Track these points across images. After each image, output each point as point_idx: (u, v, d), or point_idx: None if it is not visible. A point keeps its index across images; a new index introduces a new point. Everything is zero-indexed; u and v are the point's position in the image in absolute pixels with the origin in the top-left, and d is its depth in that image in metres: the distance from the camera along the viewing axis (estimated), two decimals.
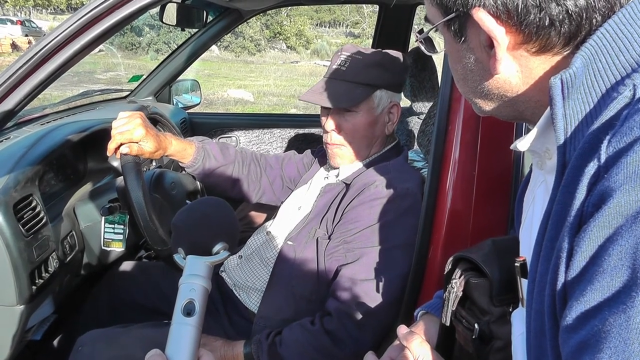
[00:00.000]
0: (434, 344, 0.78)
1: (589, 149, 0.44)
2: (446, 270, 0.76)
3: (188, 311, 0.61)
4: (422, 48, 0.63)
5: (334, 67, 1.23)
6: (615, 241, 0.39)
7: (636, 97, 0.43)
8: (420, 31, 0.61)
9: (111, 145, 1.13)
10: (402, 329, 0.76)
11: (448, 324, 0.73)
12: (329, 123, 1.23)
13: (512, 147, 0.58)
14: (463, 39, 0.53)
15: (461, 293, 0.72)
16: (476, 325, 0.69)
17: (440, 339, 0.77)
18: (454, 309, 0.72)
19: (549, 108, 0.49)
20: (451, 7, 0.52)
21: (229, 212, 0.75)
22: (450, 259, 0.76)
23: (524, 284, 0.57)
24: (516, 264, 0.59)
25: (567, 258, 0.44)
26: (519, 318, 0.63)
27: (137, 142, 1.14)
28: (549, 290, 0.46)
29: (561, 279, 0.44)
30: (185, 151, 1.31)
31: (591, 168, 0.43)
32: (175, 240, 0.71)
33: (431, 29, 0.57)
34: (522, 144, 0.55)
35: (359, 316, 1.06)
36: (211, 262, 0.66)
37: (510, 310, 0.68)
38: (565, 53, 0.50)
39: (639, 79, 0.44)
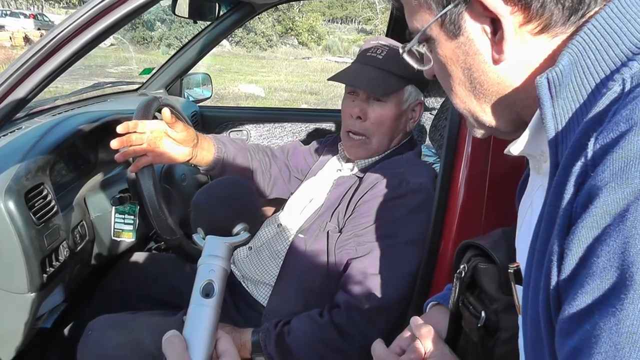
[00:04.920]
0: (444, 335, 0.76)
1: (578, 148, 0.42)
2: (455, 257, 0.75)
3: (207, 292, 0.59)
4: (411, 62, 0.60)
5: (369, 54, 1.20)
6: (604, 242, 0.38)
7: (625, 91, 0.42)
8: (405, 46, 0.58)
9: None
10: (416, 320, 0.74)
11: (454, 310, 0.72)
12: (356, 109, 1.20)
13: (505, 151, 0.56)
14: (462, 30, 0.51)
15: (469, 279, 0.70)
16: (483, 313, 0.68)
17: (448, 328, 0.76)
18: (462, 296, 0.71)
19: (539, 109, 0.48)
20: None
21: (251, 192, 0.74)
22: (459, 245, 0.74)
23: (518, 290, 0.56)
24: (510, 271, 0.57)
25: (558, 261, 0.42)
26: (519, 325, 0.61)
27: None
28: (543, 295, 0.45)
29: (554, 283, 0.43)
30: (208, 143, 1.28)
31: (578, 167, 0.42)
32: (195, 219, 0.70)
33: (424, 31, 0.54)
34: (515, 148, 0.53)
35: (368, 311, 1.05)
36: (231, 243, 0.65)
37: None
38: (562, 34, 0.49)
39: (628, 73, 0.43)
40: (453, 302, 0.72)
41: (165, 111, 1.13)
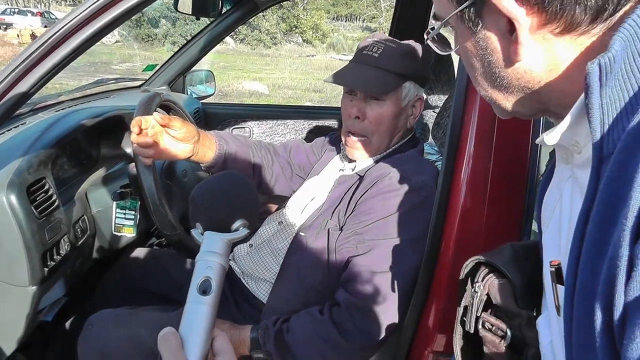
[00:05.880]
0: None
1: (638, 140, 0.40)
2: (462, 275, 0.71)
3: (204, 289, 0.59)
4: (434, 47, 0.60)
5: (365, 52, 1.19)
6: None
7: None
8: (431, 30, 0.58)
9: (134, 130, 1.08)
10: None
11: (473, 330, 0.68)
12: (354, 109, 1.19)
13: (538, 141, 0.54)
14: (479, 28, 0.50)
15: (485, 297, 0.68)
16: (508, 332, 0.65)
17: (464, 355, 0.72)
18: (478, 315, 0.68)
19: (582, 97, 0.46)
20: None
21: (250, 187, 0.72)
22: (467, 263, 0.71)
23: (559, 290, 0.52)
24: (551, 269, 0.53)
25: (627, 267, 0.38)
26: (545, 325, 0.59)
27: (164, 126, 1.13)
28: (602, 303, 0.41)
29: (620, 291, 0.39)
30: (209, 140, 1.27)
31: None
32: (193, 214, 0.69)
33: (443, 23, 0.54)
34: (550, 138, 0.50)
35: (368, 309, 1.04)
36: (230, 239, 0.64)
37: (535, 314, 0.64)
38: (592, 32, 0.46)
39: None
40: (470, 322, 0.69)
41: (156, 115, 1.12)
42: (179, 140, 1.17)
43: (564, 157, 0.54)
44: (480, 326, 0.68)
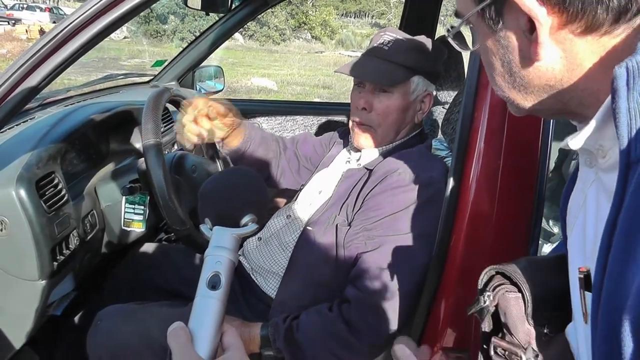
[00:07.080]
0: None
1: None
2: (480, 285, 0.67)
3: (213, 284, 0.58)
4: (455, 45, 0.59)
5: (376, 45, 1.21)
6: None
7: None
8: (450, 28, 0.58)
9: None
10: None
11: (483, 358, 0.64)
12: (362, 100, 1.21)
13: (562, 145, 0.52)
14: (500, 26, 0.50)
15: (494, 308, 0.64)
16: (523, 356, 0.61)
17: None
18: (488, 331, 0.64)
19: (607, 101, 0.45)
20: None
21: (260, 182, 0.72)
22: (485, 272, 0.67)
23: (587, 297, 0.51)
24: (579, 276, 0.51)
25: None
26: (570, 334, 0.57)
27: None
28: (632, 314, 0.40)
29: None
30: (238, 134, 1.34)
31: None
32: (202, 209, 0.69)
33: (464, 20, 0.53)
34: (575, 142, 0.50)
35: (378, 306, 1.04)
36: (239, 235, 0.64)
37: (546, 331, 0.62)
38: (614, 32, 0.46)
39: None
40: (482, 351, 0.65)
41: (219, 107, 1.23)
42: (223, 126, 1.27)
43: (588, 161, 0.53)
44: (492, 351, 0.64)
